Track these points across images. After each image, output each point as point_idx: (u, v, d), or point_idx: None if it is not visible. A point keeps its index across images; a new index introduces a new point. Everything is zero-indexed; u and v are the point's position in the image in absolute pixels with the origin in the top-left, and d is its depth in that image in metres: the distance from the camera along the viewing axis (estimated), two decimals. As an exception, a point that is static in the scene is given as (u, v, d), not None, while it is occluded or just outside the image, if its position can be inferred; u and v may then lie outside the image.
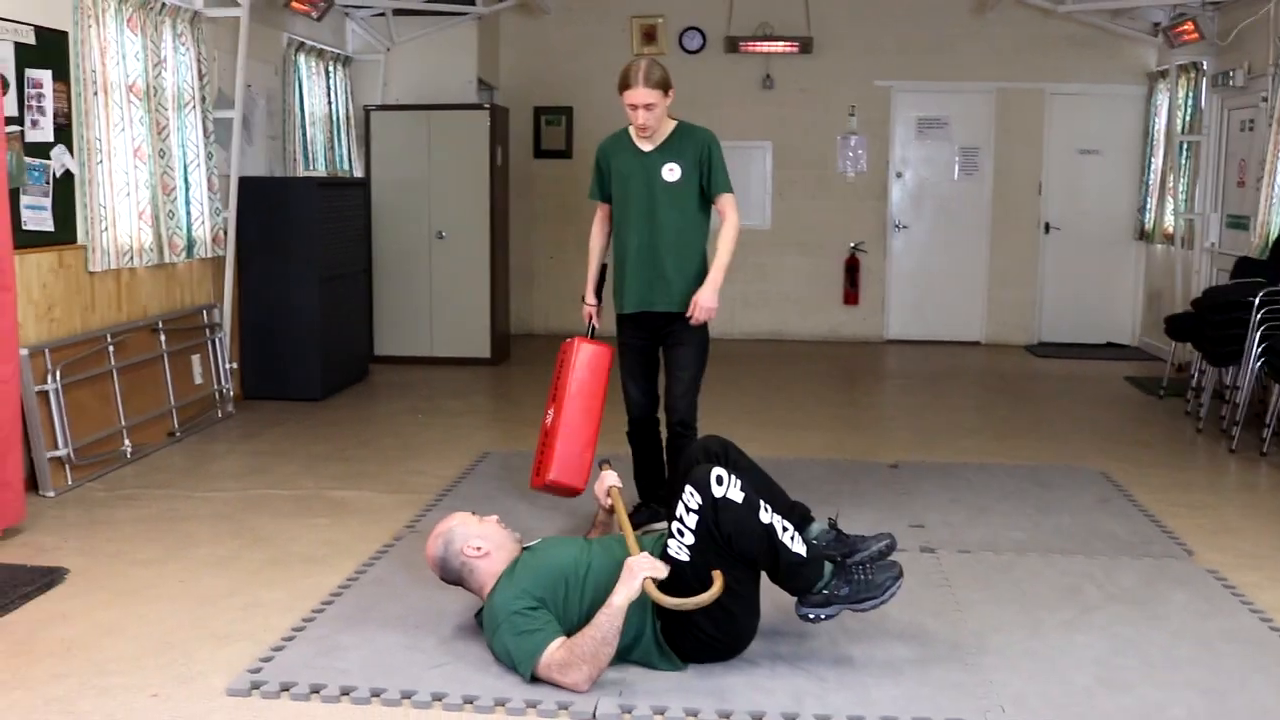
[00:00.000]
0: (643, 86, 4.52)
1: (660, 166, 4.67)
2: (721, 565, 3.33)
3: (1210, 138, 9.03)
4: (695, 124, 4.76)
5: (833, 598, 3.45)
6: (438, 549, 3.60)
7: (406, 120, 9.05)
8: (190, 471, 5.84)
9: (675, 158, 4.66)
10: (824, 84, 10.53)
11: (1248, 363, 6.46)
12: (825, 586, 3.45)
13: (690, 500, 3.36)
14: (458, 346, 9.10)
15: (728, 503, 3.33)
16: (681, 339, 4.72)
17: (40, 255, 5.52)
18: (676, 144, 4.68)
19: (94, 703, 3.23)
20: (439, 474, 5.79)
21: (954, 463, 6.10)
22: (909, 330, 10.83)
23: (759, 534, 3.35)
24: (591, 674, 3.27)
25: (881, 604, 3.47)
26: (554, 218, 10.89)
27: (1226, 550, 4.70)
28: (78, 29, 5.72)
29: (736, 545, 3.33)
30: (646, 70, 4.54)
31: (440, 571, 3.62)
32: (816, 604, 3.46)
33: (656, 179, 4.67)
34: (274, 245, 7.54)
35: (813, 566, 3.44)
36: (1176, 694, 3.34)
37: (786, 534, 3.40)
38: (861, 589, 3.45)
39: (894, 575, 3.49)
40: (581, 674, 3.26)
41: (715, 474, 3.37)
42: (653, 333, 4.78)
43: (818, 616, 3.47)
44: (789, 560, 3.39)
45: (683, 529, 3.36)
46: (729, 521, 3.32)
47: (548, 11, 10.55)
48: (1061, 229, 10.60)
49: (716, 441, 3.94)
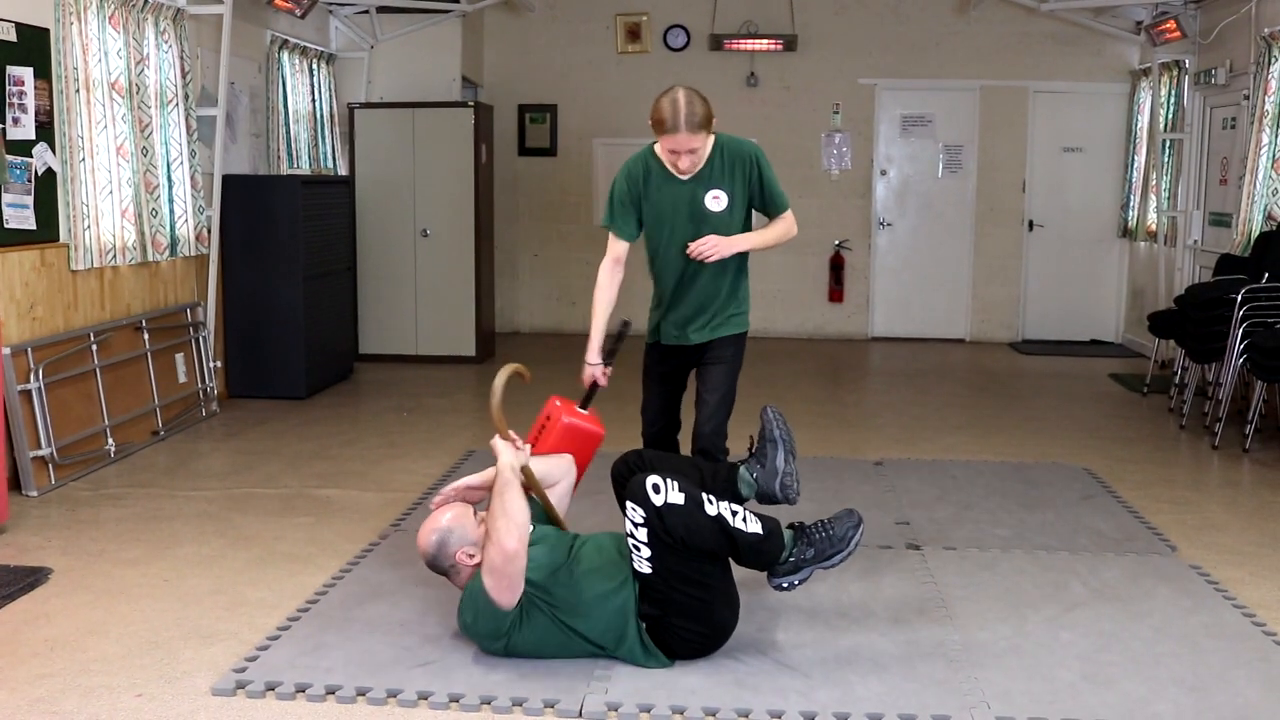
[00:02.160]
0: (685, 132, 3.91)
1: (703, 195, 4.09)
2: (686, 566, 3.37)
3: (1192, 136, 9.07)
4: (730, 135, 4.16)
5: (800, 562, 3.50)
6: (431, 544, 3.58)
7: (390, 118, 9.03)
8: (174, 471, 5.82)
9: (720, 183, 4.10)
10: (808, 82, 10.55)
11: (1230, 359, 6.49)
12: (790, 554, 3.50)
13: (635, 515, 3.36)
14: (442, 345, 9.08)
15: (670, 508, 3.33)
16: (715, 356, 4.26)
17: (22, 253, 5.49)
18: (720, 166, 4.10)
19: (78, 703, 3.22)
20: (424, 472, 5.78)
21: (939, 460, 6.12)
22: (894, 327, 10.85)
23: (710, 528, 3.36)
24: (505, 526, 3.32)
25: (849, 555, 3.53)
26: (538, 215, 10.89)
27: (1210, 546, 4.72)
28: (59, 26, 5.68)
29: (692, 544, 3.35)
30: (688, 111, 3.89)
31: (428, 563, 3.64)
32: (786, 572, 3.51)
33: (701, 210, 4.10)
34: (258, 243, 7.52)
35: (773, 540, 3.47)
36: (1160, 689, 3.35)
37: (737, 517, 3.42)
38: (826, 546, 3.50)
39: (854, 524, 3.54)
40: (496, 534, 3.33)
41: (651, 483, 3.36)
42: (683, 358, 4.35)
43: (790, 584, 3.52)
44: (747, 542, 3.42)
45: (637, 544, 3.38)
46: (677, 525, 3.32)
47: (532, 9, 10.53)
48: (1045, 226, 10.64)
49: (633, 454, 3.96)
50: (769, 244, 4.28)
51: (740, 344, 4.32)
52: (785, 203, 4.23)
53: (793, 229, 4.29)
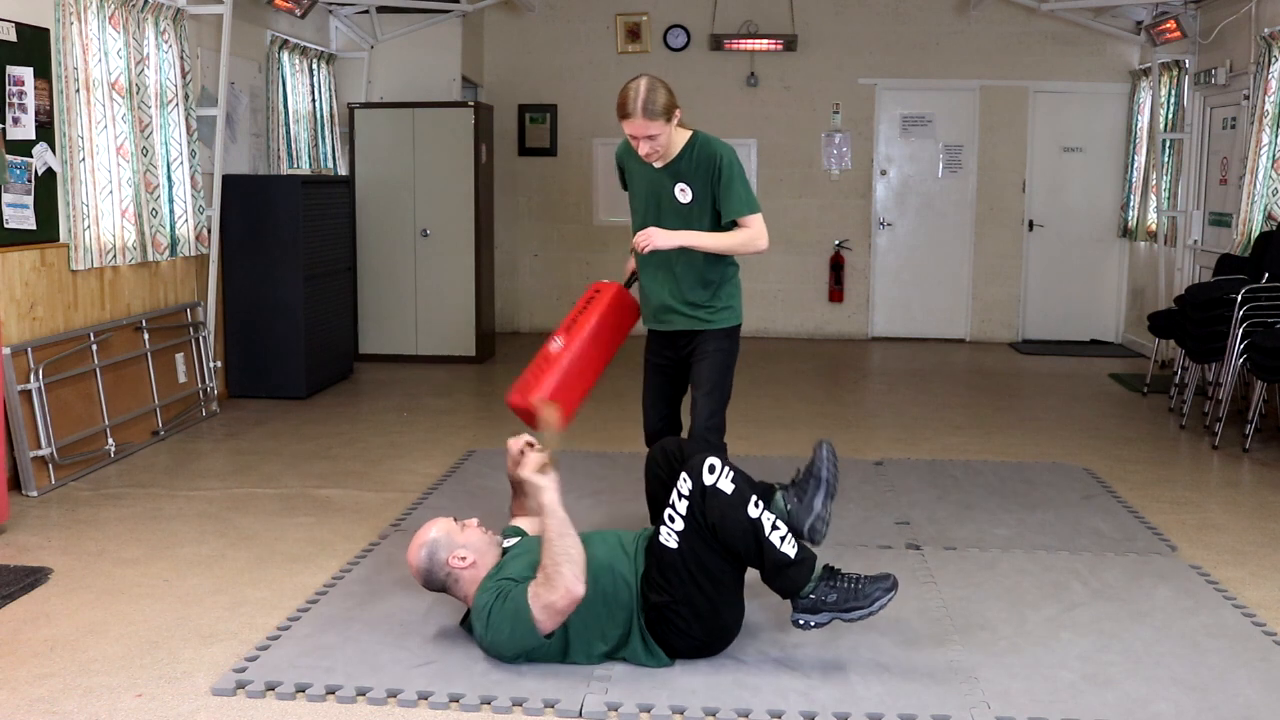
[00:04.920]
0: (641, 118, 3.95)
1: (672, 186, 4.15)
2: (708, 556, 3.37)
3: (1192, 135, 9.07)
4: (710, 136, 4.16)
5: (820, 604, 3.44)
6: (421, 559, 3.55)
7: (391, 118, 9.03)
8: (174, 470, 5.82)
9: (687, 178, 4.13)
10: (808, 82, 10.55)
11: (1230, 359, 6.49)
12: (813, 590, 3.44)
13: (683, 486, 3.39)
14: (442, 344, 9.09)
15: (716, 492, 3.35)
16: (700, 352, 4.25)
17: (22, 253, 5.49)
18: (687, 163, 4.13)
19: (79, 702, 3.22)
20: (424, 472, 5.78)
21: (939, 460, 6.12)
22: (894, 327, 10.85)
23: (744, 528, 3.35)
24: (573, 572, 3.30)
25: (870, 615, 3.45)
26: (538, 215, 10.89)
27: (1210, 546, 4.73)
28: (59, 26, 5.68)
29: (721, 536, 3.35)
30: (647, 99, 3.94)
31: (423, 580, 3.59)
32: (806, 609, 3.45)
33: (667, 198, 4.16)
34: (258, 243, 7.52)
35: (801, 569, 3.43)
36: (1161, 689, 3.35)
37: (776, 533, 3.39)
38: (849, 597, 3.43)
39: (885, 587, 3.46)
40: (564, 579, 3.28)
41: (709, 463, 3.39)
42: (675, 350, 4.35)
43: (808, 623, 3.47)
44: (775, 560, 3.39)
45: (674, 515, 3.39)
46: (715, 511, 3.34)
47: (532, 9, 10.53)
48: (1045, 226, 10.64)
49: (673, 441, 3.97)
50: (721, 248, 4.15)
51: (729, 338, 4.27)
52: (746, 209, 4.10)
53: (758, 240, 4.14)
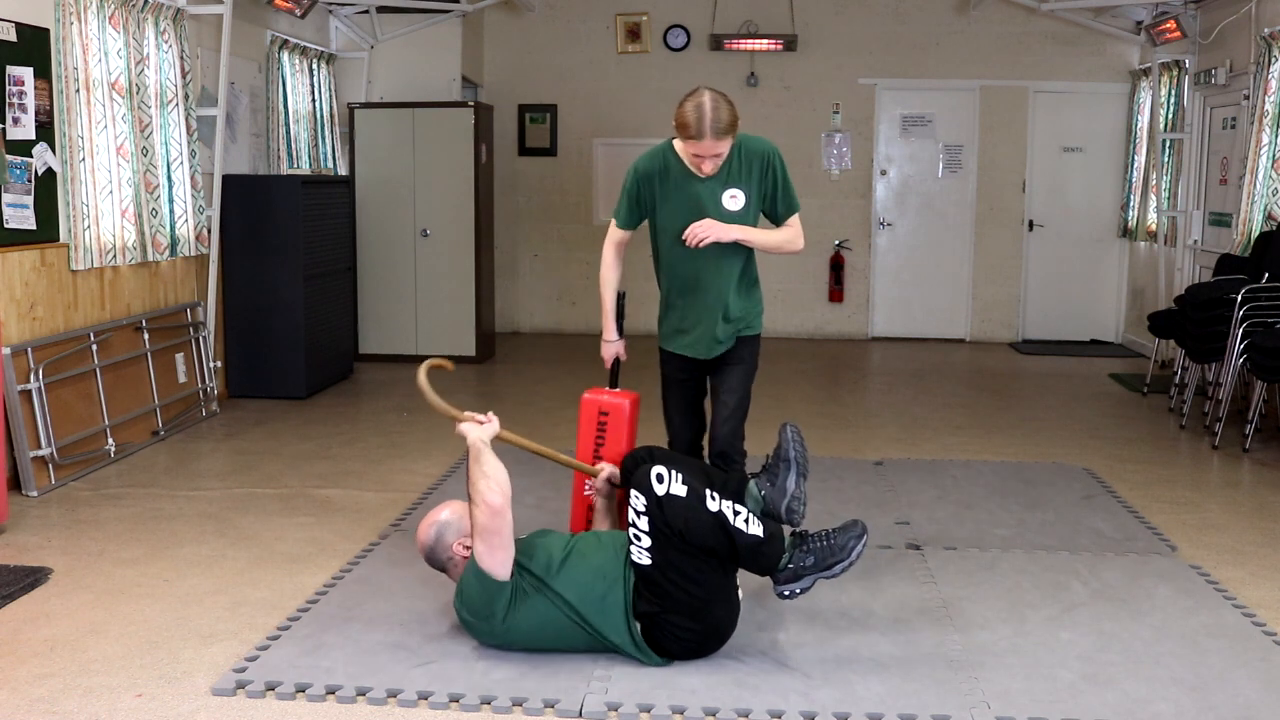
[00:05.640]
0: (711, 138, 3.85)
1: (721, 194, 4.04)
2: (684, 561, 3.38)
3: (1192, 135, 9.07)
4: (745, 134, 4.05)
5: (800, 570, 3.50)
6: (429, 538, 3.64)
7: (390, 118, 9.03)
8: (174, 470, 5.82)
9: (737, 182, 4.04)
10: (808, 82, 10.54)
11: (1230, 359, 6.49)
12: (790, 561, 3.50)
13: (637, 503, 3.40)
14: (442, 344, 9.07)
15: (671, 499, 3.36)
16: (735, 356, 4.24)
17: (22, 253, 5.49)
18: (738, 165, 4.04)
19: (79, 702, 3.22)
20: (424, 472, 5.78)
21: (939, 459, 6.12)
22: (894, 327, 10.85)
23: (709, 523, 3.38)
24: (486, 485, 3.40)
25: (850, 564, 3.52)
26: (538, 216, 10.89)
27: (1210, 546, 4.73)
28: (59, 26, 5.68)
29: (691, 538, 3.37)
30: (714, 118, 3.82)
31: (426, 556, 3.68)
32: (786, 580, 3.51)
33: (714, 208, 4.04)
34: (258, 243, 7.52)
35: (772, 544, 3.47)
36: (1161, 689, 3.35)
37: (739, 518, 3.42)
38: (826, 554, 3.50)
39: (856, 534, 3.53)
40: (479, 494, 3.40)
41: (655, 473, 3.40)
42: (703, 366, 4.30)
43: (792, 592, 3.52)
44: (746, 543, 3.42)
45: (638, 533, 3.41)
46: (677, 516, 3.35)
47: (532, 9, 10.53)
48: (1045, 226, 10.64)
49: (642, 450, 3.97)
50: (768, 245, 4.17)
51: (757, 346, 4.33)
52: (797, 206, 4.18)
53: (798, 239, 4.21)
